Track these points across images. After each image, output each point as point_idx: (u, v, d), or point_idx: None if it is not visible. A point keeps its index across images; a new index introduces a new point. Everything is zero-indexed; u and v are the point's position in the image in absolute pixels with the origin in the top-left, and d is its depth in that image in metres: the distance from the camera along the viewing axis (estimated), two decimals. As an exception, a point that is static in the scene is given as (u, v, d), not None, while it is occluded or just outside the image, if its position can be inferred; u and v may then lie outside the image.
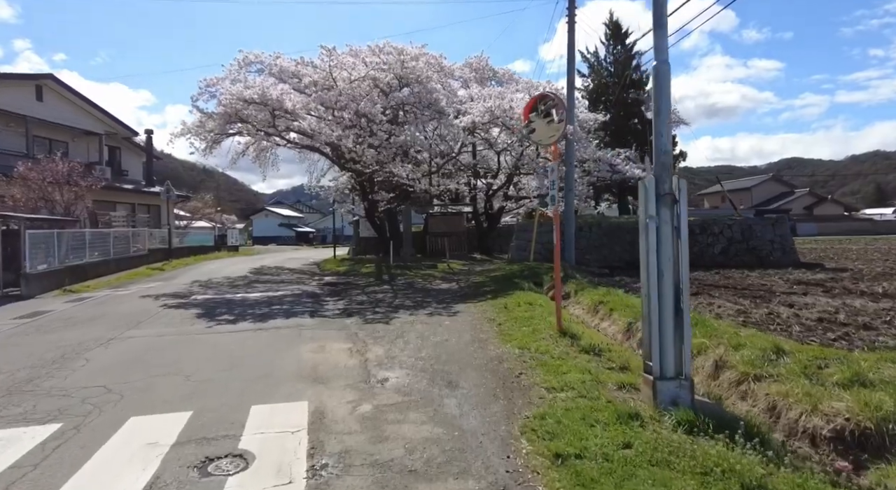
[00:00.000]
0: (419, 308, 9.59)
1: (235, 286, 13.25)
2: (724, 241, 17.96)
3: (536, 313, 8.20)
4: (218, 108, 13.58)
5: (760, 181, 60.66)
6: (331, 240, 62.91)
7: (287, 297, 11.05)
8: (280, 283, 13.77)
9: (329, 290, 12.47)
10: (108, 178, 24.21)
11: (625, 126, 23.75)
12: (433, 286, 13.11)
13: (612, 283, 13.62)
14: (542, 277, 14.08)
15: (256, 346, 6.59)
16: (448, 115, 15.73)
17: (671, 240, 4.14)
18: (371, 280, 14.64)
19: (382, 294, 11.69)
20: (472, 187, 26.16)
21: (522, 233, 18.37)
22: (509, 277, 13.97)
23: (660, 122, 4.28)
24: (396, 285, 13.35)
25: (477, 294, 11.37)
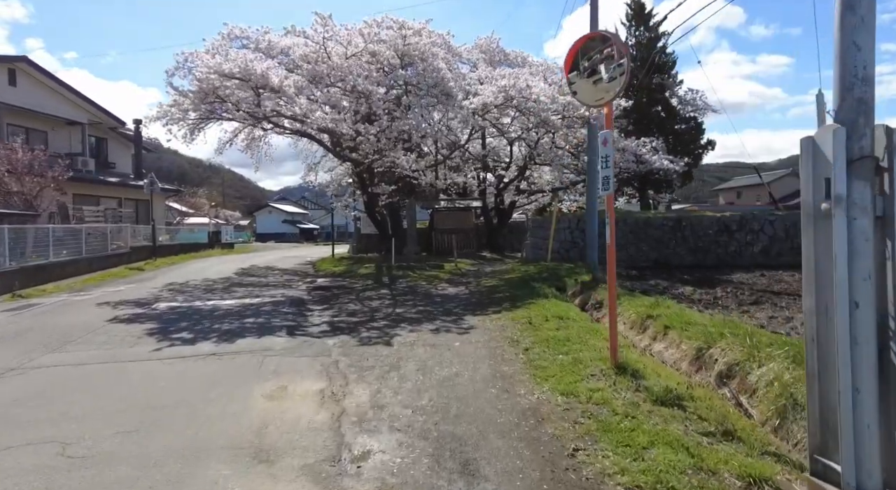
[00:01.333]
0: (422, 321, 7.80)
1: (212, 291, 11.52)
2: (764, 240, 16.05)
3: (573, 333, 6.38)
4: (193, 85, 11.82)
5: (780, 176, 58.21)
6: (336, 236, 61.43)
7: (266, 307, 9.30)
8: (264, 288, 12.04)
9: (318, 297, 10.71)
10: (92, 170, 22.61)
11: (648, 114, 21.82)
12: (439, 291, 11.33)
13: (647, 288, 11.77)
14: (565, 280, 12.25)
15: (197, 384, 4.83)
16: (456, 98, 13.88)
17: (873, 241, 2.26)
18: (369, 283, 12.87)
19: (379, 301, 9.91)
20: (481, 180, 24.34)
21: (538, 230, 16.54)
22: (526, 281, 12.15)
23: (856, 24, 2.35)
24: (397, 290, 11.57)
25: (491, 302, 9.56)
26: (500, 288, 11.17)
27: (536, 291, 10.38)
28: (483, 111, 13.84)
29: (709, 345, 5.56)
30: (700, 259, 16.01)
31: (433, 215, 23.19)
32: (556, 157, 17.04)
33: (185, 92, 11.98)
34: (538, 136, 17.20)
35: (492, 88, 13.61)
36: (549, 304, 8.73)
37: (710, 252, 16.07)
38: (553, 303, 8.96)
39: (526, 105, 14.42)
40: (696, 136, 21.86)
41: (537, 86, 13.82)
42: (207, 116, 13.96)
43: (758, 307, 8.75)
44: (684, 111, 22.26)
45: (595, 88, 5.18)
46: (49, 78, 21.37)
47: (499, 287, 11.35)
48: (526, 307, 8.50)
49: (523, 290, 10.40)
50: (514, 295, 9.90)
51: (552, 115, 14.40)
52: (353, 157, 14.90)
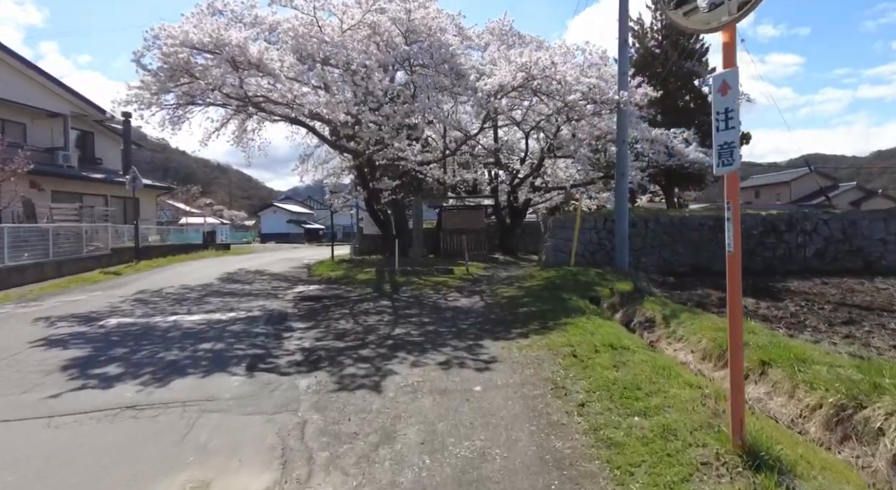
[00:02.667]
0: (428, 349, 6.01)
1: (182, 301, 9.79)
2: (819, 241, 14.09)
3: (640, 373, 4.56)
4: (158, 62, 10.07)
5: (800, 175, 55.90)
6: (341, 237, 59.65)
7: (236, 325, 7.54)
8: (244, 298, 10.29)
9: (305, 310, 8.95)
10: (74, 165, 21.03)
11: (677, 104, 19.89)
12: (449, 302, 9.53)
13: (698, 299, 9.91)
14: (598, 290, 10.41)
15: (70, 479, 3.06)
16: (468, 77, 12.07)
17: None
18: (367, 292, 11.10)
19: (377, 316, 8.12)
20: (492, 177, 22.52)
21: (560, 230, 14.70)
22: (552, 290, 10.33)
23: None
24: (399, 301, 9.79)
25: (515, 319, 7.75)
26: (523, 299, 9.35)
27: (568, 305, 8.56)
28: (500, 93, 11.99)
29: (857, 401, 3.74)
30: (744, 263, 13.88)
31: (441, 214, 21.39)
32: (580, 148, 15.14)
33: (154, 71, 10.24)
34: (558, 124, 15.36)
35: (510, 67, 11.76)
36: (589, 324, 6.91)
37: (755, 255, 14.16)
38: (593, 322, 7.14)
39: (548, 86, 12.59)
40: (729, 128, 19.95)
41: (562, 64, 11.96)
42: (188, 102, 12.27)
43: (857, 327, 6.87)
44: (716, 100, 20.35)
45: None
46: (27, 66, 19.80)
47: (521, 298, 9.53)
48: (562, 328, 6.68)
49: (552, 304, 8.57)
50: (543, 310, 8.08)
51: (579, 99, 12.55)
52: (350, 148, 13.13)
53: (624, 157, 14.13)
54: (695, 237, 14.49)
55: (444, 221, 21.05)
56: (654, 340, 7.02)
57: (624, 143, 14.03)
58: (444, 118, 11.99)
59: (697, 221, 14.59)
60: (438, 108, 11.31)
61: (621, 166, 14.13)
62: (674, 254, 14.47)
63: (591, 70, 14.60)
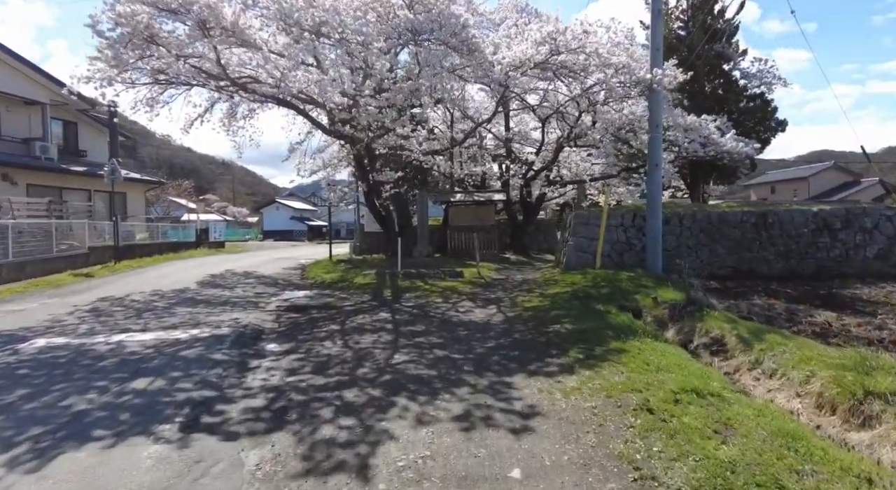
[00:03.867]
0: (440, 391, 4.40)
1: (144, 312, 8.24)
2: (881, 241, 12.37)
3: (767, 451, 2.93)
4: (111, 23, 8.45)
5: (819, 170, 53.82)
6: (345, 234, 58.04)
7: (193, 348, 5.96)
8: (218, 307, 8.72)
9: (286, 325, 7.37)
10: (53, 157, 19.51)
11: (705, 88, 18.15)
12: (462, 315, 7.92)
13: (759, 311, 8.27)
14: (635, 299, 8.78)
15: None
16: (483, 51, 10.42)
17: None
18: (364, 300, 9.52)
19: (373, 336, 6.53)
20: (504, 169, 20.86)
21: (582, 227, 13.07)
22: (582, 299, 8.73)
23: None
24: (401, 312, 8.19)
25: (547, 341, 6.12)
26: (551, 312, 7.72)
27: (608, 320, 6.94)
28: (520, 68, 10.33)
29: None
30: (794, 266, 12.40)
31: (448, 210, 19.80)
32: (605, 136, 13.44)
33: (112, 40, 8.62)
34: (582, 109, 13.69)
35: (532, 38, 10.10)
36: (647, 351, 5.30)
37: (806, 257, 12.47)
38: (650, 346, 5.53)
39: (574, 63, 10.93)
40: (764, 115, 18.15)
41: (595, 34, 10.29)
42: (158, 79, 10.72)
43: None
44: (750, 85, 18.56)
45: None
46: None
47: (547, 310, 7.91)
48: (614, 358, 5.06)
49: (589, 319, 6.96)
50: (581, 329, 6.45)
51: (611, 76, 10.90)
52: (347, 134, 11.51)
53: (657, 145, 12.48)
54: (735, 235, 12.81)
55: (452, 218, 19.46)
56: (732, 372, 5.39)
57: (657, 128, 12.37)
58: (453, 98, 10.34)
59: (738, 218, 12.91)
60: (447, 84, 9.64)
61: (654, 156, 12.48)
62: (712, 254, 12.80)
63: (616, 49, 12.94)
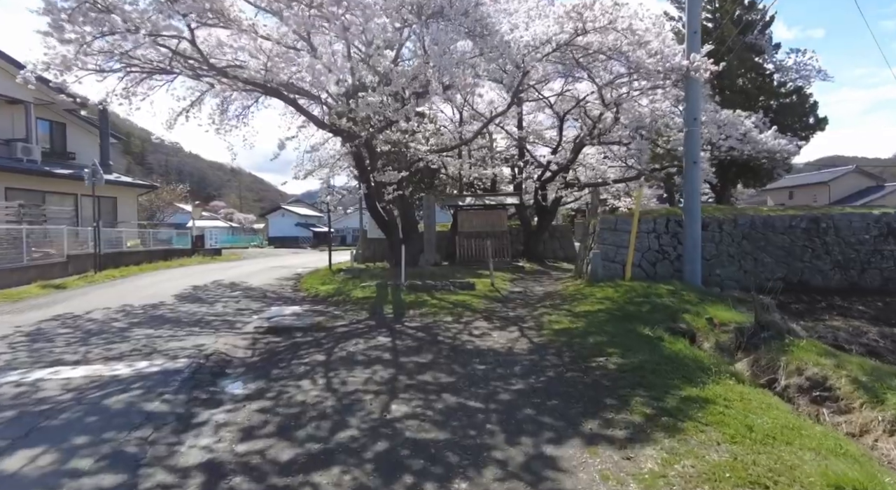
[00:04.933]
0: (455, 474, 2.95)
1: (95, 336, 6.86)
2: (955, 249, 10.83)
3: None
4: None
5: (841, 174, 51.95)
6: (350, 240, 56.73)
7: (128, 392, 4.56)
8: (186, 328, 7.34)
9: (260, 355, 5.97)
10: (37, 159, 18.36)
11: (734, 82, 16.69)
12: (477, 340, 6.48)
13: (847, 338, 6.79)
14: (684, 320, 7.33)
15: None
16: (498, 35, 9.03)
17: None
18: (360, 319, 8.10)
19: (366, 374, 5.09)
20: (516, 171, 19.46)
21: (609, 233, 11.61)
22: (621, 318, 7.26)
23: None
24: (404, 336, 6.76)
25: (594, 381, 4.65)
26: (587, 336, 6.26)
27: (664, 350, 5.47)
28: (539, 48, 8.93)
29: None
30: (854, 278, 10.86)
31: (457, 215, 18.38)
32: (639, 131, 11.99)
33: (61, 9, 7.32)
34: (607, 101, 12.26)
35: (557, 12, 8.71)
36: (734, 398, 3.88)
37: (869, 267, 10.93)
38: (736, 390, 4.09)
39: (603, 43, 9.53)
40: (802, 112, 16.65)
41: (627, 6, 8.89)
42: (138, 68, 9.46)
43: None
44: (786, 78, 17.09)
45: None
46: (-20, 44, 17.18)
47: (583, 333, 6.44)
48: (699, 417, 3.60)
49: (640, 349, 5.49)
50: (635, 363, 4.98)
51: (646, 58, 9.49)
52: (343, 128, 10.15)
53: (695, 140, 11.04)
54: (783, 243, 11.31)
55: (461, 223, 18.04)
56: (858, 434, 3.90)
57: (695, 122, 10.94)
58: (464, 83, 8.93)
59: (786, 223, 11.40)
60: (456, 68, 8.24)
61: (692, 152, 11.03)
62: (758, 264, 11.30)
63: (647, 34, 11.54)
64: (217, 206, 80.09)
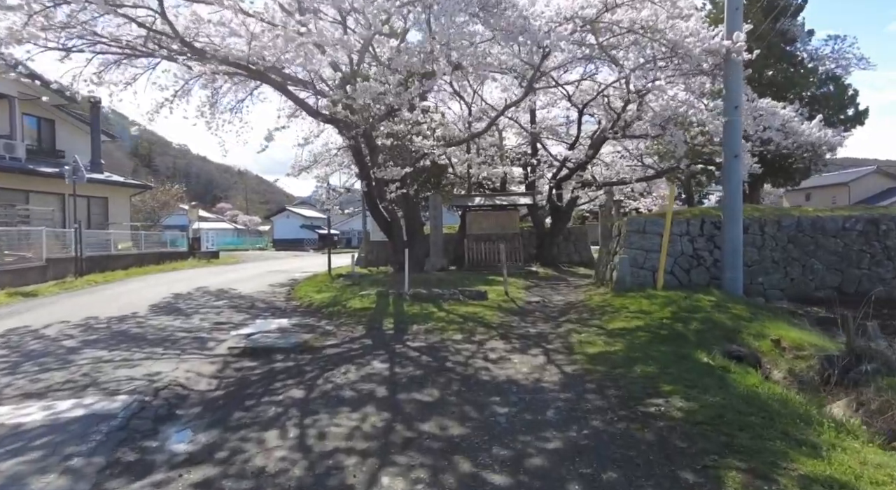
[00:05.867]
0: None
1: (34, 359, 5.72)
2: None
3: None
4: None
5: (861, 174, 50.14)
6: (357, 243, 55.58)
7: (22, 456, 3.39)
8: (147, 348, 6.19)
9: (225, 388, 4.79)
10: (20, 157, 17.38)
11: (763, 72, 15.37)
12: (494, 368, 5.26)
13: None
14: (740, 339, 6.09)
15: None
16: (515, 6, 7.82)
17: None
18: (355, 336, 6.92)
19: (352, 421, 3.88)
20: (529, 169, 18.23)
21: (637, 236, 10.36)
22: (666, 338, 6.02)
23: None
24: (404, 363, 5.55)
25: (660, 438, 3.38)
26: (632, 364, 5.03)
27: (732, 384, 4.24)
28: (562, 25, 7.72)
29: None
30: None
31: (465, 216, 17.18)
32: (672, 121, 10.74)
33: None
34: (636, 89, 11.02)
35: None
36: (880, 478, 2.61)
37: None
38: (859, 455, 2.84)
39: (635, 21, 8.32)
40: (841, 103, 15.31)
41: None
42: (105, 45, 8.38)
43: None
44: (821, 67, 15.76)
45: None
46: (-40, 35, 16.20)
47: (625, 361, 5.20)
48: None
49: (706, 386, 4.25)
50: (707, 408, 3.75)
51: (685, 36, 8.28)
52: (340, 118, 8.99)
53: (736, 130, 9.80)
54: (836, 247, 10.02)
55: (470, 225, 16.84)
56: None
57: (737, 109, 9.70)
58: (476, 63, 7.71)
59: (839, 225, 10.11)
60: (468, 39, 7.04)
61: (732, 144, 9.78)
62: (806, 272, 10.00)
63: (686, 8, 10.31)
64: (223, 208, 79.51)
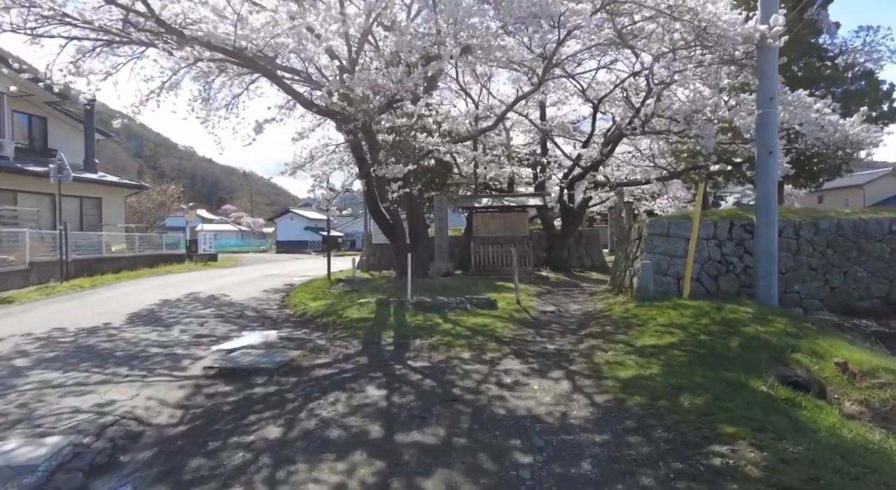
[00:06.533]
0: None
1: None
2: None
3: None
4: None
5: (877, 176, 48.89)
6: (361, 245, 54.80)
7: None
8: (110, 368, 5.39)
9: (188, 422, 3.97)
10: (8, 155, 16.71)
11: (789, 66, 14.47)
12: (511, 397, 4.40)
13: None
14: (793, 359, 5.23)
15: None
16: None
17: None
18: (350, 353, 6.09)
19: (335, 474, 3.03)
20: (539, 169, 17.39)
21: (660, 240, 9.51)
22: (707, 359, 5.16)
23: None
24: (404, 390, 4.71)
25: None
26: (676, 394, 4.17)
27: (808, 427, 3.36)
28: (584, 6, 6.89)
29: None
30: None
31: (472, 218, 16.35)
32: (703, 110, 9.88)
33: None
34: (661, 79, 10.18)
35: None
36: None
37: None
38: None
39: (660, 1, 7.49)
40: (875, 98, 14.39)
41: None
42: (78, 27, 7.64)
43: None
44: (852, 60, 14.86)
45: None
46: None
47: (667, 388, 4.35)
48: None
49: (780, 428, 3.39)
50: (799, 471, 2.90)
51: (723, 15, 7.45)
52: (336, 110, 8.19)
53: (772, 124, 8.94)
54: (882, 253, 9.11)
55: (477, 227, 16.01)
56: None
57: (772, 101, 8.84)
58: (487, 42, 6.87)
59: (885, 227, 9.20)
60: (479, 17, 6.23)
61: (767, 139, 8.91)
62: (848, 279, 9.10)
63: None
64: (228, 209, 79.09)
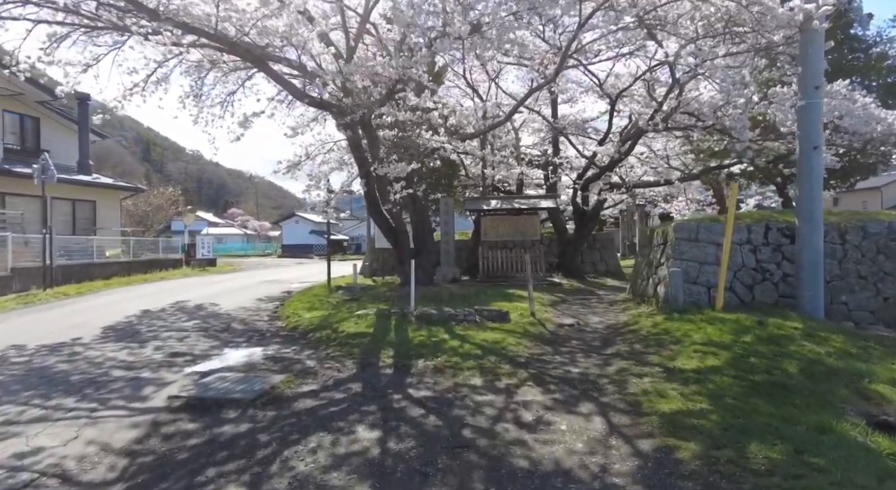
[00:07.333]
0: None
1: None
2: None
3: None
4: None
5: (895, 179, 47.61)
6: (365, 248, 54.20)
7: None
8: (57, 398, 4.59)
9: (131, 478, 3.13)
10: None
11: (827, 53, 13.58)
12: (532, 441, 3.51)
13: None
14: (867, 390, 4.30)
15: None
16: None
17: None
18: (342, 378, 5.24)
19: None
20: (551, 169, 16.52)
21: (689, 245, 8.63)
22: (767, 391, 4.23)
23: None
24: (402, 434, 3.83)
25: None
26: (736, 438, 3.29)
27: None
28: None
29: None
30: None
31: (480, 221, 15.49)
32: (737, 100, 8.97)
33: None
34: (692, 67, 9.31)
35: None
36: None
37: None
38: None
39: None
40: (913, 92, 13.48)
41: None
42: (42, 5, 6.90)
43: None
44: (889, 51, 13.93)
45: None
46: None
47: (724, 428, 3.46)
48: None
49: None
50: None
51: None
52: (332, 102, 7.38)
53: (817, 116, 8.04)
54: (944, 260, 8.16)
55: (485, 231, 15.15)
56: None
57: (817, 91, 7.96)
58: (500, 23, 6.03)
59: (945, 230, 8.26)
60: None
61: (811, 133, 8.00)
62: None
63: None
64: (234, 213, 78.76)
